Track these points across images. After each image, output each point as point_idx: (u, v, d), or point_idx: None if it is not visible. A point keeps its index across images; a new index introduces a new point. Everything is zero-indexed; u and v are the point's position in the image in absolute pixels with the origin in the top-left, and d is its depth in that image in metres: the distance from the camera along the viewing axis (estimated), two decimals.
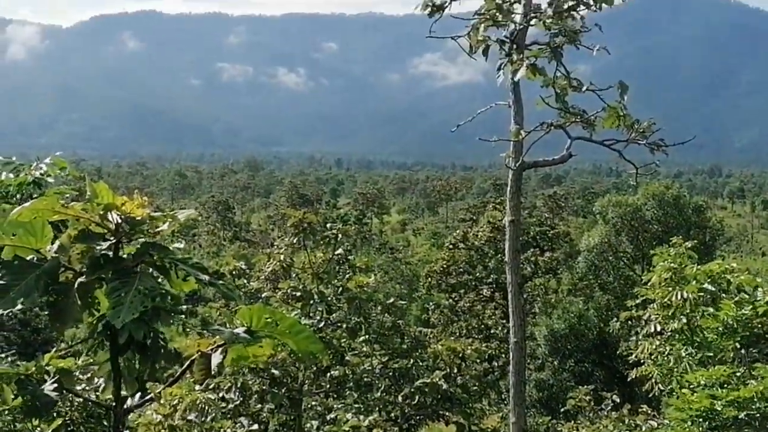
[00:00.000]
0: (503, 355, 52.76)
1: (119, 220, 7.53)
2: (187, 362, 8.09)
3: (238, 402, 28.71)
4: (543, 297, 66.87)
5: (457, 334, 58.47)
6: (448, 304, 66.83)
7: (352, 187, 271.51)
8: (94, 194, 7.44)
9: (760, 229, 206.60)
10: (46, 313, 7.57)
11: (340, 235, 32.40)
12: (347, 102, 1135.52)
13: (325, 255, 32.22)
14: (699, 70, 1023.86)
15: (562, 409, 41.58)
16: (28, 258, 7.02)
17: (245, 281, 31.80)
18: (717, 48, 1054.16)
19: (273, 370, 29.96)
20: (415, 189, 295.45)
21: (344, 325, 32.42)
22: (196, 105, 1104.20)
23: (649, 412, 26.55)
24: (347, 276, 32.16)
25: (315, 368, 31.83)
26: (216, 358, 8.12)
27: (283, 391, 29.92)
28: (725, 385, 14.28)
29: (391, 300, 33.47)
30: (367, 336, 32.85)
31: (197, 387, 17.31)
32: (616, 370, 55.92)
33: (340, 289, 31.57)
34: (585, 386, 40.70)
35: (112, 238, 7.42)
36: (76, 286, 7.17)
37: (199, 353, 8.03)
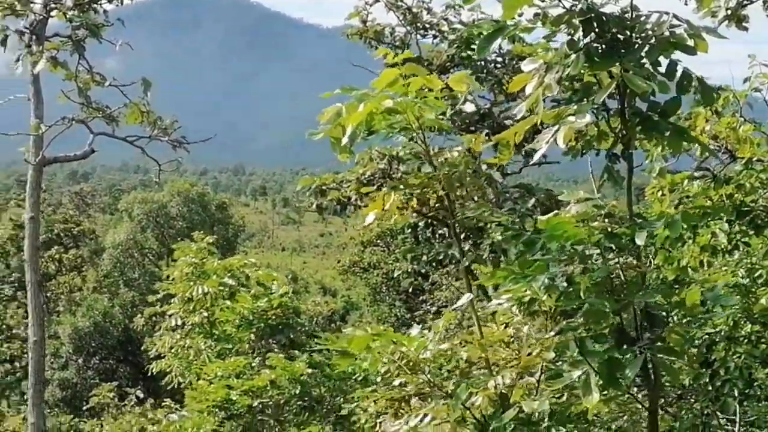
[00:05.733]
0: (26, 356, 50.98)
1: None
2: None
3: None
4: (68, 295, 65.38)
5: None
6: None
7: None
8: None
9: (280, 225, 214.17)
10: None
11: None
12: None
13: None
14: (222, 72, 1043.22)
15: (85, 407, 40.93)
16: None
17: None
18: (238, 51, 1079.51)
19: None
20: None
21: None
22: None
23: (172, 405, 26.78)
24: None
25: None
26: None
27: None
28: (241, 376, 14.80)
29: None
30: None
31: None
32: (142, 366, 55.92)
33: None
34: (110, 383, 40.42)
35: None
36: None
37: None
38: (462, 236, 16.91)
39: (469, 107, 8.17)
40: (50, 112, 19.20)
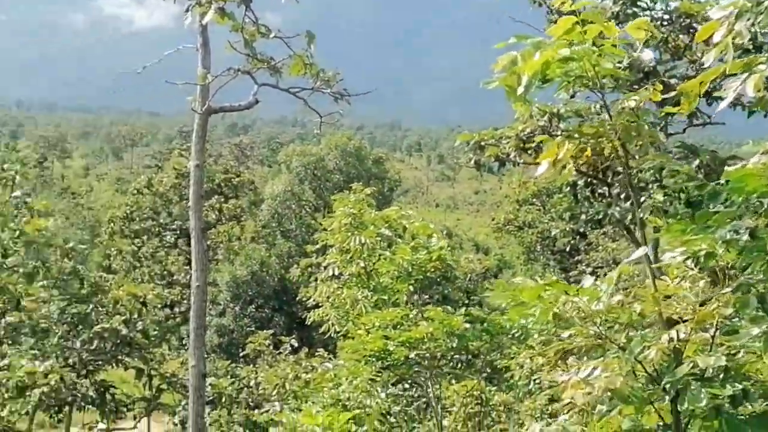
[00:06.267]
0: (185, 301, 52.59)
1: None
2: None
3: None
4: (226, 244, 67.01)
5: (140, 279, 57.73)
6: (130, 250, 65.81)
7: (33, 130, 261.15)
8: None
9: (435, 181, 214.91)
10: None
11: (18, 177, 31.20)
12: (28, 41, 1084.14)
13: (1, 197, 30.97)
14: (382, 26, 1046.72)
15: (241, 354, 41.95)
16: None
17: None
18: (398, 4, 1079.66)
19: None
20: (99, 133, 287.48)
21: (21, 270, 31.32)
22: None
23: (325, 355, 27.20)
24: (25, 219, 31.05)
25: None
26: None
27: None
28: (398, 327, 14.86)
29: (71, 244, 32.55)
30: (45, 281, 31.91)
31: None
32: (296, 316, 57.05)
33: (17, 232, 30.43)
34: (265, 331, 41.28)
35: None
36: None
37: None
38: (623, 195, 16.60)
39: (647, 55, 7.93)
40: (215, 64, 19.49)
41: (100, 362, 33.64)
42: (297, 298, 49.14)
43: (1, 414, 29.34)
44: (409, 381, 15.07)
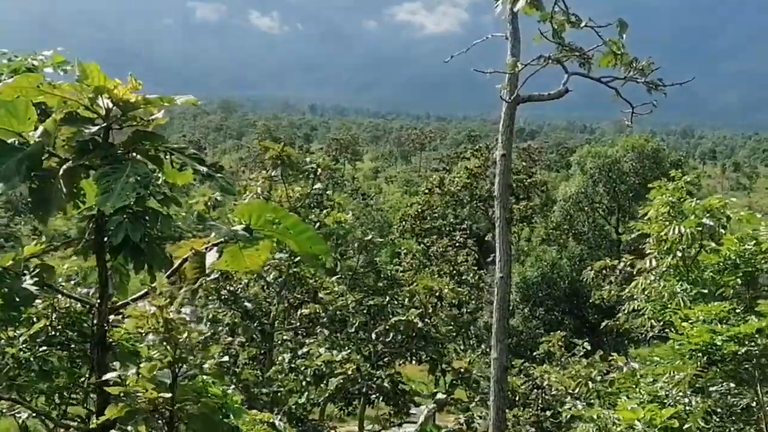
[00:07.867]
0: (473, 301, 52.60)
1: (110, 104, 6.95)
2: (180, 261, 7.51)
3: (208, 333, 28.25)
4: (517, 245, 66.73)
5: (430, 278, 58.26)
6: (420, 249, 66.61)
7: (326, 133, 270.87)
8: (83, 75, 6.81)
9: (729, 190, 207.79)
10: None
11: (319, 169, 31.82)
12: (322, 48, 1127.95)
13: (303, 189, 31.66)
14: (677, 30, 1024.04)
15: (532, 354, 41.37)
16: (9, 141, 6.48)
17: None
18: (696, 9, 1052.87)
19: (246, 303, 29.50)
20: (388, 137, 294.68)
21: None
22: (170, 45, 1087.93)
23: (617, 358, 26.30)
24: (325, 211, 31.65)
25: (287, 304, 31.42)
26: (211, 257, 7.55)
27: (254, 324, 29.46)
28: (724, 321, 13.90)
29: (369, 237, 32.95)
30: (341, 275, 32.46)
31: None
32: (586, 320, 55.98)
33: (317, 224, 31.02)
34: (557, 332, 40.58)
35: (102, 123, 6.85)
36: (61, 172, 6.61)
37: (193, 251, 7.47)
38: None
39: None
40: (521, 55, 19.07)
41: (394, 354, 33.92)
42: (589, 302, 48.20)
43: (299, 401, 30.00)
44: (739, 379, 14.02)
